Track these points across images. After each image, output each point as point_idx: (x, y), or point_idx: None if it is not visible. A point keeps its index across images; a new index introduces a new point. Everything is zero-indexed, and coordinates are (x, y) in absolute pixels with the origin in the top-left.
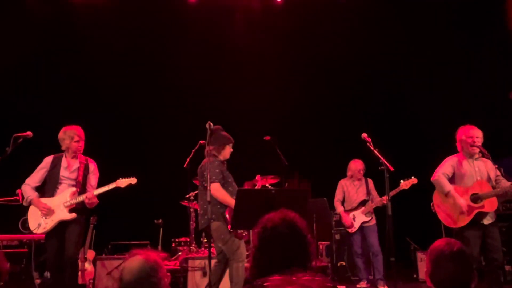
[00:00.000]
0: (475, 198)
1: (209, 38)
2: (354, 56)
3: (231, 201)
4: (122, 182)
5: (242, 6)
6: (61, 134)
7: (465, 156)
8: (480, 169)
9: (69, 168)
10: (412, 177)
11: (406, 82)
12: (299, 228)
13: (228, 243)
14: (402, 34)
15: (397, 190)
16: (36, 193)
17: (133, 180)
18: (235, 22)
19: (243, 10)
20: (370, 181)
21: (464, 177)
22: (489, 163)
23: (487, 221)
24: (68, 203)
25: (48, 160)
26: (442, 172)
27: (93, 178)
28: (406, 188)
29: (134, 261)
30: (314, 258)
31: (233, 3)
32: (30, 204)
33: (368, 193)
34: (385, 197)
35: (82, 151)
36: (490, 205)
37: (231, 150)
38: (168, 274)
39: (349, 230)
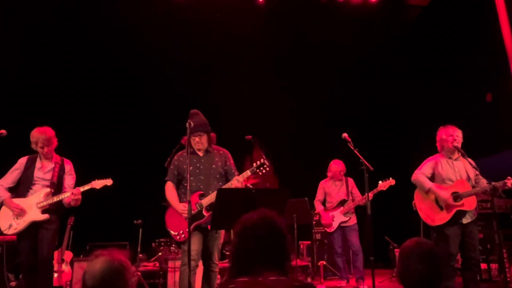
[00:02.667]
0: (455, 197)
1: (192, 37)
2: (334, 56)
3: (172, 202)
4: (98, 183)
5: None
6: (30, 136)
7: (445, 156)
8: (460, 169)
9: (43, 169)
10: (390, 178)
11: (387, 83)
12: (278, 228)
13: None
14: (381, 35)
15: (375, 191)
16: (8, 194)
17: (108, 181)
18: (220, 21)
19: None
20: (350, 180)
21: (443, 177)
22: (467, 163)
23: (466, 220)
24: (42, 204)
25: (22, 161)
26: (421, 172)
27: (69, 179)
28: (384, 189)
29: (97, 264)
30: (295, 257)
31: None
32: (1, 204)
33: (349, 193)
34: (366, 195)
35: (49, 155)
36: (469, 204)
37: (195, 138)
38: (135, 274)
39: (328, 229)
